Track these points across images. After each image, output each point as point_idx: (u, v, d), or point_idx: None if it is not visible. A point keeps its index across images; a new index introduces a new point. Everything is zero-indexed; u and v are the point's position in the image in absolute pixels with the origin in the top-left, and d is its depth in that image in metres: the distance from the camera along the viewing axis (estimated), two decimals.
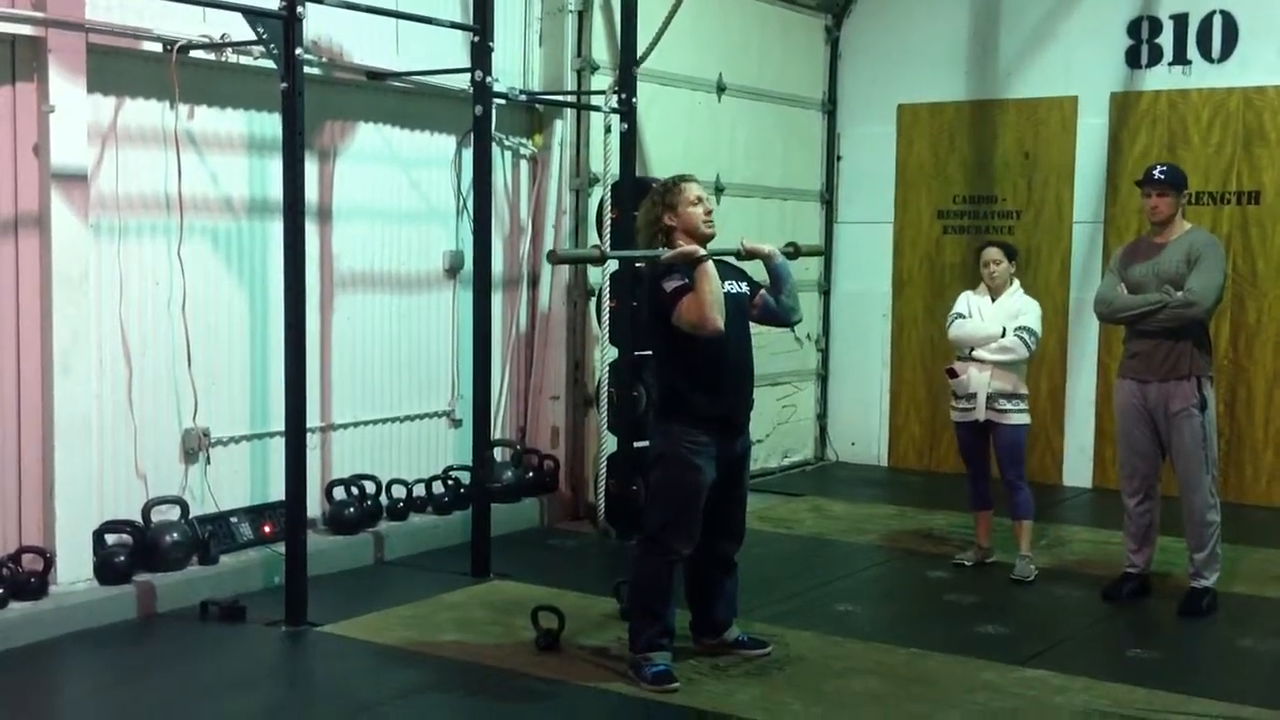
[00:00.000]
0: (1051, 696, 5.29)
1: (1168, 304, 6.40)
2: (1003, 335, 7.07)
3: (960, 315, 7.24)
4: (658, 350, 5.58)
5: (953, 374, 7.21)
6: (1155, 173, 6.60)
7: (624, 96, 8.03)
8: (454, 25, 7.39)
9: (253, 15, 5.95)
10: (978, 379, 7.11)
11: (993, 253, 7.22)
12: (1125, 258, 6.72)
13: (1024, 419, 7.17)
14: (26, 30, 5.86)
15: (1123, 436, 6.73)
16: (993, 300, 7.19)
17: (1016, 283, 7.27)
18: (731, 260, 5.71)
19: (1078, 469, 9.80)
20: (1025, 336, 7.07)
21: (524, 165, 8.57)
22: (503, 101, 7.81)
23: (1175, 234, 6.56)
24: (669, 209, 5.51)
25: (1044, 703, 5.23)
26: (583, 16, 8.50)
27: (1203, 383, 6.46)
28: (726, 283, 5.52)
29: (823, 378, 10.87)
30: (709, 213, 5.55)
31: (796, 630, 6.08)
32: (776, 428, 10.28)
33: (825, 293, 10.84)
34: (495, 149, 7.89)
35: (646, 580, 5.49)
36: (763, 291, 5.72)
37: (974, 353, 7.14)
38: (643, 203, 5.70)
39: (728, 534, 5.64)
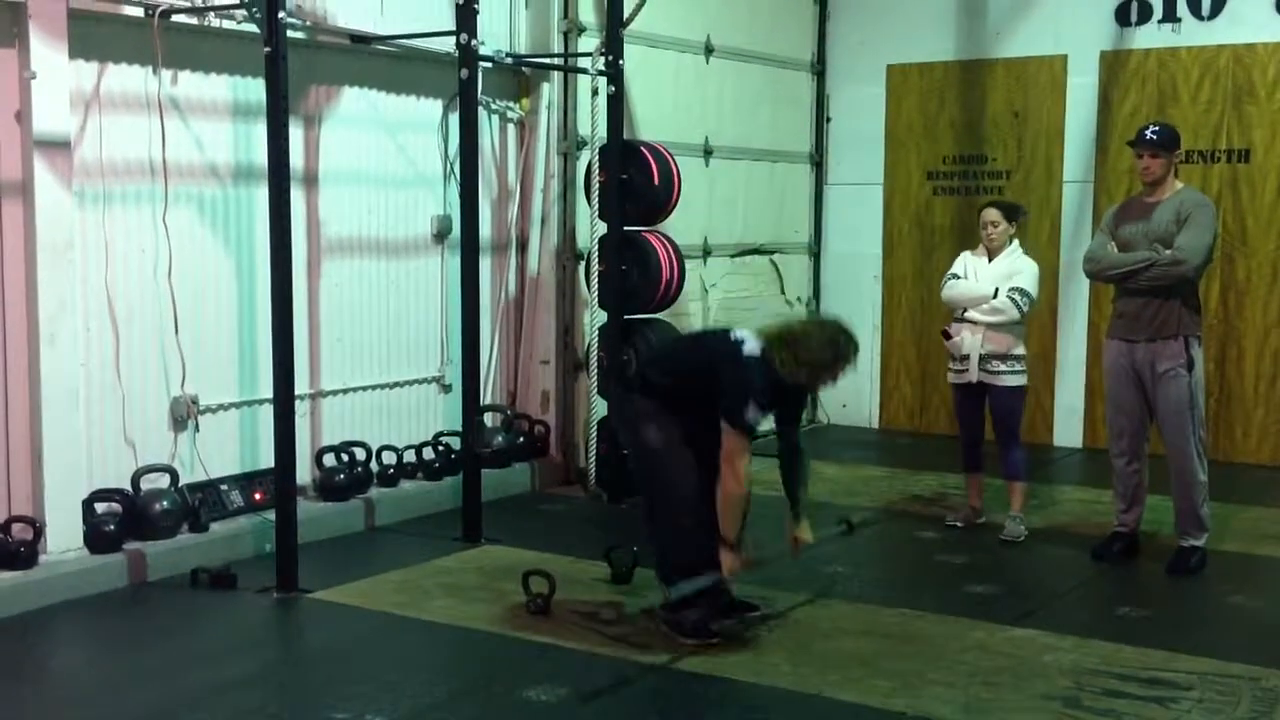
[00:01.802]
0: (1041, 655, 5.31)
1: (1156, 262, 6.38)
2: (995, 296, 7.04)
3: (955, 276, 7.20)
4: (688, 385, 5.44)
5: (947, 336, 7.19)
6: (1147, 133, 6.55)
7: (611, 59, 7.97)
8: None
9: None
10: (970, 341, 7.08)
11: (992, 214, 7.17)
12: (1116, 216, 6.69)
13: (1018, 380, 7.13)
14: None
15: (1110, 397, 6.73)
16: (989, 261, 7.16)
17: (1016, 243, 7.21)
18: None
19: (1068, 429, 9.82)
20: (1017, 298, 7.02)
21: (511, 129, 8.52)
22: (489, 65, 7.76)
23: (1167, 193, 6.52)
24: (826, 372, 5.35)
25: (1033, 662, 5.24)
26: None
27: (1190, 343, 6.44)
28: (770, 416, 5.49)
29: None
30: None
31: (786, 591, 6.10)
32: None
33: (815, 255, 10.82)
34: (482, 113, 7.84)
35: (678, 548, 5.46)
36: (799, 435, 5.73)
37: (966, 314, 7.12)
38: (813, 335, 5.40)
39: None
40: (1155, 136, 6.51)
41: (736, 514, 5.33)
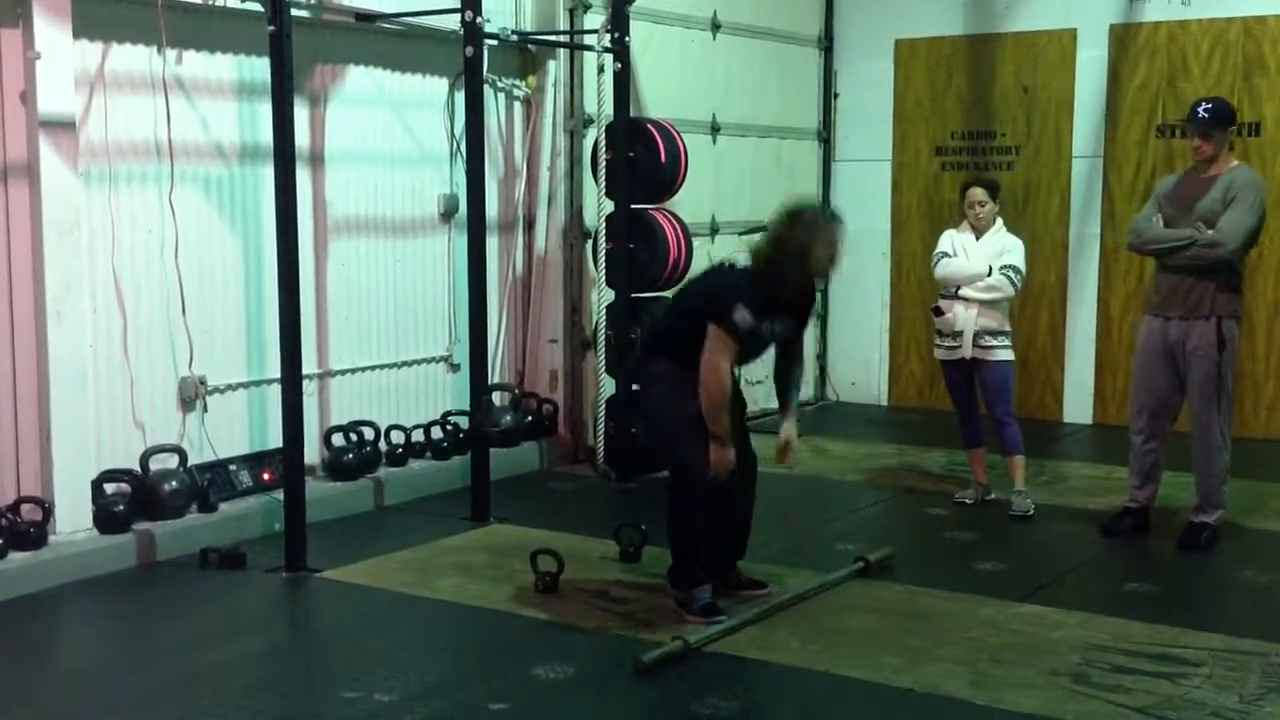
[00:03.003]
0: (1049, 632, 5.31)
1: (1195, 241, 6.30)
2: (989, 274, 7.05)
3: (945, 254, 7.22)
4: (689, 324, 5.37)
5: (939, 312, 7.20)
6: (1199, 111, 6.41)
7: (617, 35, 7.95)
8: None
9: None
10: (964, 317, 7.10)
11: (978, 192, 7.19)
12: (1168, 190, 6.58)
13: (1009, 355, 7.18)
14: None
15: (1137, 373, 6.67)
16: (977, 238, 7.17)
17: (1000, 220, 7.25)
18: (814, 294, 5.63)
19: (1078, 405, 9.79)
20: (1011, 275, 7.07)
21: (517, 107, 8.49)
22: (494, 42, 7.73)
23: (1220, 170, 6.40)
24: (809, 246, 5.22)
25: (1041, 638, 5.24)
26: None
27: (1224, 323, 6.35)
28: (785, 324, 5.41)
29: (822, 317, 10.82)
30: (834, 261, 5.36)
31: (795, 569, 6.10)
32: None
33: None
34: (488, 91, 7.83)
35: (683, 518, 5.49)
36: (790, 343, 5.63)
37: (960, 291, 7.13)
38: (784, 223, 5.30)
39: (742, 474, 5.62)
40: (1206, 115, 6.37)
41: (721, 413, 5.24)
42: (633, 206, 8.01)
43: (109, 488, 6.30)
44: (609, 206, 8.04)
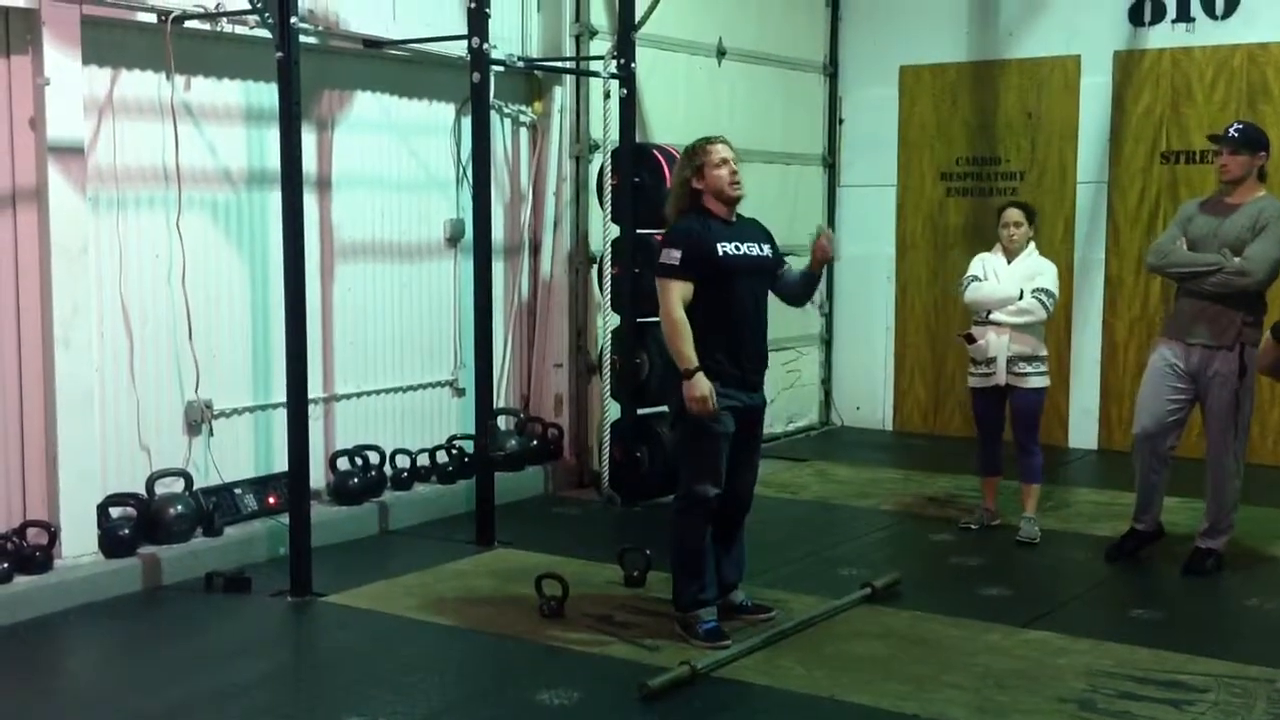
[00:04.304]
0: (1055, 658, 5.30)
1: (1223, 268, 6.26)
2: (1020, 297, 7.01)
3: (975, 278, 7.14)
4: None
5: (970, 339, 7.12)
6: (1230, 130, 6.42)
7: (623, 62, 7.98)
8: None
9: None
10: (996, 343, 7.02)
11: (1014, 214, 7.13)
12: (1192, 213, 6.54)
13: (1043, 381, 7.09)
14: (20, 2, 5.83)
15: (1141, 398, 6.62)
16: (1008, 262, 7.12)
17: (1033, 244, 7.16)
18: (758, 223, 5.75)
19: (1083, 430, 9.78)
20: (1043, 298, 6.98)
21: (524, 132, 8.53)
22: (501, 68, 7.77)
23: (1247, 198, 6.36)
24: (696, 172, 5.52)
25: (1047, 664, 5.23)
26: None
27: (1246, 350, 6.30)
28: (747, 244, 5.55)
29: (827, 342, 10.85)
30: (735, 174, 5.54)
31: (800, 594, 6.09)
32: (781, 393, 10.26)
33: None
34: (494, 116, 7.86)
35: (684, 539, 5.51)
36: (785, 269, 5.78)
37: (991, 316, 7.06)
38: (675, 164, 5.77)
39: (736, 496, 5.63)
40: (1237, 134, 6.37)
41: (684, 344, 5.35)
42: (638, 231, 8.04)
43: (114, 511, 6.31)
44: (614, 231, 8.06)
